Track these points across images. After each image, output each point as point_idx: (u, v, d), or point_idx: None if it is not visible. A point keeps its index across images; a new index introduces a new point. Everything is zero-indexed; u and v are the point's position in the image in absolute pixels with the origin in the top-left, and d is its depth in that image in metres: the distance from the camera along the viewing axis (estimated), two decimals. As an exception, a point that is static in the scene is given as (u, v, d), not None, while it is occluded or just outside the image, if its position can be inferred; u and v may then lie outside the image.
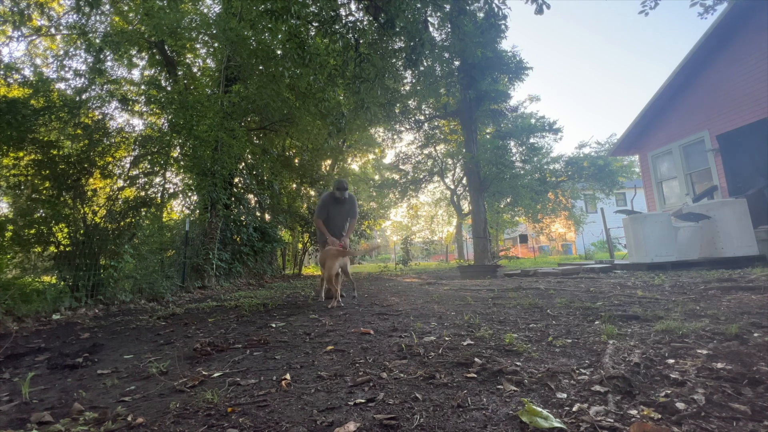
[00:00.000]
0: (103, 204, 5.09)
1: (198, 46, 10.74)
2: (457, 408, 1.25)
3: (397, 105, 11.75)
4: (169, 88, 9.27)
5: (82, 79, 9.57)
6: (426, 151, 18.61)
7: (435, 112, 14.40)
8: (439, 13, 7.24)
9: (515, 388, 1.39)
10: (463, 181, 17.63)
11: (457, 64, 11.05)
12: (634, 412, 1.13)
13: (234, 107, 8.31)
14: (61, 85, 9.34)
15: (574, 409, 1.18)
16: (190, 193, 7.56)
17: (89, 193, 4.98)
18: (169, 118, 6.33)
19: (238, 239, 9.67)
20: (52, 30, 10.81)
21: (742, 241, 5.94)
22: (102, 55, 9.44)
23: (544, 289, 4.38)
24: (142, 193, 5.45)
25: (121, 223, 5.18)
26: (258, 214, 11.38)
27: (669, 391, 1.26)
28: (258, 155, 10.63)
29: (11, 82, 7.30)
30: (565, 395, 1.30)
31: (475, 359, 1.72)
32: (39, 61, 11.28)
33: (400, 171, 19.03)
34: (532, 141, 14.83)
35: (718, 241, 6.16)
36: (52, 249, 4.79)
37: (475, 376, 1.55)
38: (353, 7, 6.46)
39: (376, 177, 20.55)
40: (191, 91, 8.91)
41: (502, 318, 2.81)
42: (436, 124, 16.72)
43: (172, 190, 6.75)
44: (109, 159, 5.19)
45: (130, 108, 8.49)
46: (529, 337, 2.15)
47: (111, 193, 5.22)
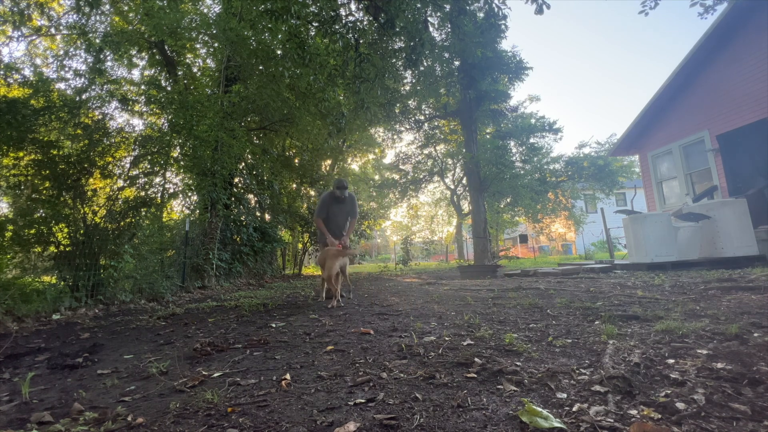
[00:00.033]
0: (103, 204, 5.09)
1: (198, 46, 10.74)
2: (457, 408, 1.25)
3: (397, 105, 11.75)
4: (169, 88, 9.27)
5: (82, 79, 9.57)
6: (426, 151, 18.61)
7: (435, 112, 14.40)
8: (439, 13, 7.24)
9: (515, 388, 1.39)
10: (463, 181, 17.63)
11: (457, 64, 11.05)
12: (634, 412, 1.13)
13: (234, 107, 8.31)
14: (61, 85, 9.35)
15: (574, 409, 1.18)
16: (190, 193, 7.56)
17: (89, 193, 4.98)
18: (169, 118, 6.33)
19: (238, 239, 9.67)
20: (52, 30, 10.81)
21: (742, 241, 5.94)
22: (102, 55, 9.44)
23: (544, 289, 4.38)
24: (142, 193, 5.45)
25: (121, 223, 5.18)
26: (258, 214, 11.38)
27: (669, 391, 1.26)
28: (258, 155, 10.63)
29: (11, 82, 7.30)
30: (565, 395, 1.30)
31: (475, 359, 1.72)
32: (39, 61, 11.29)
33: (400, 171, 19.02)
34: (532, 141, 14.83)
35: (718, 241, 6.16)
36: (52, 249, 4.79)
37: (475, 376, 1.55)
38: (353, 7, 6.47)
39: (376, 177, 20.55)
40: (191, 91, 8.91)
41: (502, 318, 2.81)
42: (436, 124, 16.72)
43: (172, 190, 6.76)
44: (109, 159, 5.19)
45: (130, 108, 8.50)
46: (529, 337, 2.15)
47: (111, 193, 5.22)
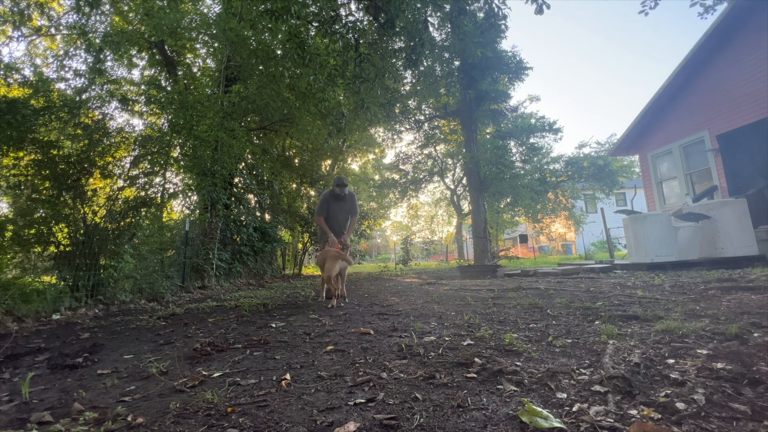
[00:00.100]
0: (103, 204, 5.09)
1: (198, 46, 10.74)
2: (457, 408, 1.25)
3: (397, 105, 11.75)
4: (169, 88, 9.27)
5: (82, 79, 9.57)
6: (426, 151, 18.60)
7: (435, 112, 14.40)
8: (439, 13, 7.24)
9: (515, 388, 1.39)
10: (463, 181, 17.63)
11: (457, 64, 11.05)
12: (634, 412, 1.13)
13: (234, 107, 8.31)
14: (61, 85, 9.35)
15: (574, 409, 1.18)
16: (190, 193, 7.56)
17: (89, 193, 4.97)
18: (169, 118, 6.33)
19: (238, 239, 9.67)
20: (52, 30, 10.81)
21: (742, 241, 5.94)
22: (102, 55, 9.44)
23: (544, 289, 4.38)
24: (142, 193, 5.45)
25: (121, 223, 5.18)
26: (258, 214, 11.38)
27: (669, 391, 1.26)
28: (258, 155, 10.63)
29: (11, 82, 7.30)
30: (565, 395, 1.30)
31: (475, 359, 1.72)
32: (39, 61, 11.29)
33: (400, 171, 19.02)
34: (532, 141, 14.83)
35: (718, 241, 6.16)
36: (52, 249, 4.79)
37: (475, 376, 1.55)
38: (353, 7, 6.47)
39: (376, 177, 20.54)
40: (191, 91, 8.91)
41: (502, 318, 2.81)
42: (436, 124, 16.71)
43: (172, 190, 6.76)
44: (109, 159, 5.19)
45: (130, 108, 8.50)
46: (529, 337, 2.15)
47: (111, 193, 5.22)
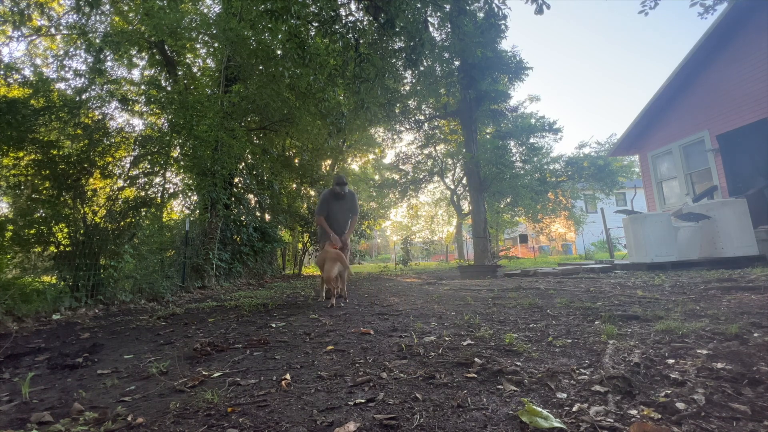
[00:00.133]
0: (103, 204, 5.09)
1: (198, 46, 10.73)
2: (457, 408, 1.25)
3: (397, 105, 11.74)
4: (169, 88, 9.27)
5: (82, 79, 9.57)
6: (426, 151, 18.60)
7: (435, 112, 14.40)
8: (439, 13, 7.24)
9: (515, 388, 1.39)
10: (463, 181, 17.63)
11: (457, 64, 11.05)
12: (634, 412, 1.13)
13: (234, 107, 8.31)
14: (61, 85, 9.34)
15: (574, 409, 1.18)
16: (190, 193, 7.56)
17: (89, 193, 4.97)
18: (169, 118, 6.33)
19: (238, 239, 9.67)
20: (52, 30, 10.80)
21: (742, 241, 5.94)
22: (102, 55, 9.44)
23: (544, 289, 4.38)
24: (142, 193, 5.44)
25: (121, 223, 5.18)
26: (258, 214, 11.38)
27: (669, 391, 1.26)
28: (258, 155, 10.62)
29: (11, 82, 7.29)
30: (565, 395, 1.30)
31: (475, 359, 1.72)
32: (39, 61, 11.28)
33: (400, 171, 19.02)
34: (532, 141, 14.83)
35: (718, 241, 6.16)
36: (52, 249, 4.79)
37: (475, 376, 1.55)
38: (353, 7, 6.47)
39: (376, 177, 20.54)
40: (191, 91, 8.91)
41: (502, 318, 2.81)
42: (436, 124, 16.71)
43: (172, 190, 6.75)
44: (109, 159, 5.19)
45: (130, 108, 8.50)
46: (529, 337, 2.15)
47: (111, 193, 5.22)
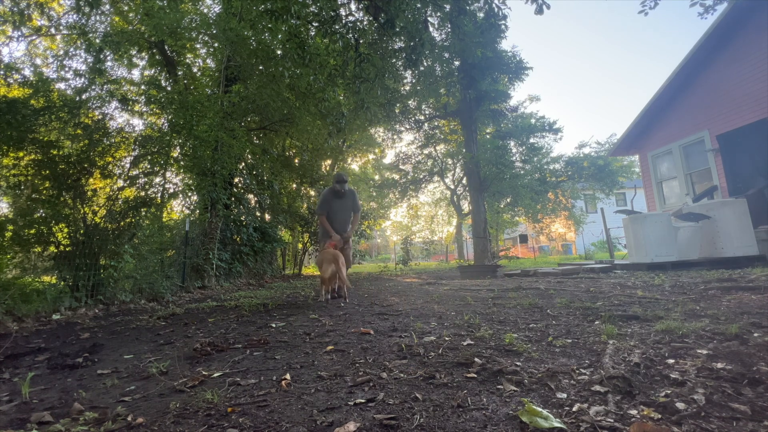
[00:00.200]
0: (103, 204, 5.09)
1: (198, 46, 10.73)
2: (457, 408, 1.25)
3: (397, 105, 11.74)
4: (169, 88, 9.27)
5: (82, 79, 9.56)
6: (426, 151, 18.60)
7: (435, 112, 14.40)
8: (439, 13, 7.24)
9: (515, 388, 1.39)
10: (463, 181, 17.63)
11: (457, 64, 11.04)
12: (634, 412, 1.13)
13: (234, 107, 8.31)
14: (61, 85, 9.34)
15: (574, 409, 1.18)
16: (190, 193, 7.56)
17: (89, 193, 4.97)
18: (169, 118, 6.33)
19: (238, 239, 9.67)
20: (52, 30, 10.80)
21: (742, 241, 5.94)
22: (102, 55, 9.43)
23: (544, 289, 4.38)
24: (142, 193, 5.45)
25: (121, 223, 5.18)
26: (258, 214, 11.38)
27: (669, 391, 1.26)
28: (258, 155, 10.62)
29: (11, 82, 7.29)
30: (565, 395, 1.30)
31: (475, 359, 1.72)
32: (39, 61, 11.28)
33: (400, 171, 19.02)
34: (532, 141, 14.83)
35: (718, 241, 6.16)
36: (52, 249, 4.79)
37: (475, 376, 1.55)
38: (353, 7, 6.46)
39: (376, 177, 20.54)
40: (191, 91, 8.90)
41: (502, 318, 2.81)
42: (436, 124, 16.71)
43: (172, 190, 6.75)
44: (109, 159, 5.19)
45: (130, 108, 8.50)
46: (529, 337, 2.15)
47: (111, 193, 5.22)
